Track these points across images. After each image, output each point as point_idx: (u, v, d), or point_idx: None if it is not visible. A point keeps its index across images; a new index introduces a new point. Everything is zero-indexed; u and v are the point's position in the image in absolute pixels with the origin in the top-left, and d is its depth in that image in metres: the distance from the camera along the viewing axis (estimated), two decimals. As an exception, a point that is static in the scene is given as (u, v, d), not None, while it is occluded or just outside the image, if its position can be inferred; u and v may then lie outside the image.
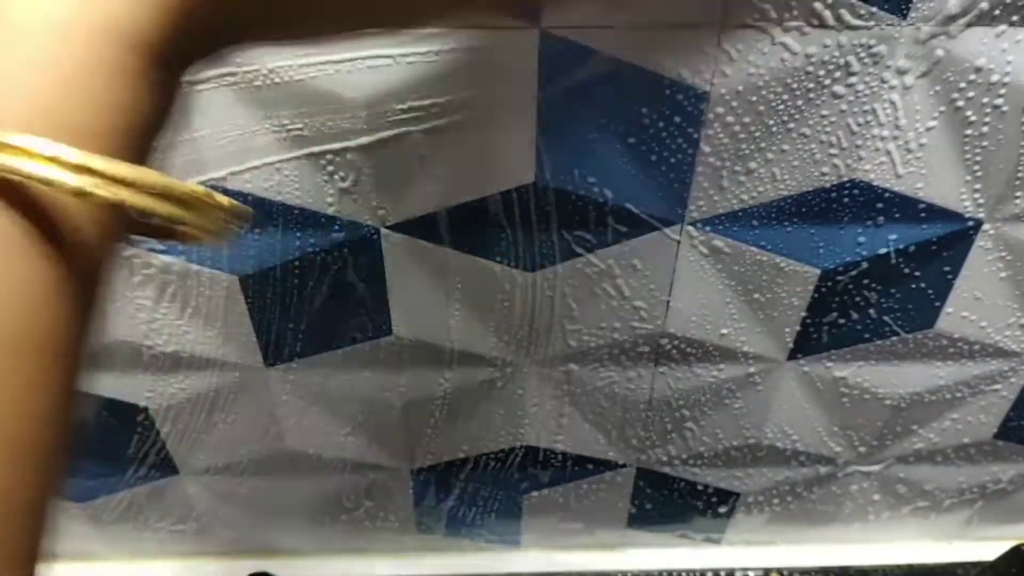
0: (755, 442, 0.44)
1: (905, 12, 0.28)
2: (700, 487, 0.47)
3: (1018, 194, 0.33)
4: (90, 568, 0.49)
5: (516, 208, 0.33)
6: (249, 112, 0.30)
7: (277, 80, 0.29)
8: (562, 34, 0.28)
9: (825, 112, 0.30)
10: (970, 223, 0.34)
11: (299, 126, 0.30)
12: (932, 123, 0.31)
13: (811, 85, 0.29)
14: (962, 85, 0.29)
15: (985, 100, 0.30)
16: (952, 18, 0.28)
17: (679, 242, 0.34)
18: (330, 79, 0.29)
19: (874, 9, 0.28)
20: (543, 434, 0.43)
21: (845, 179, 0.32)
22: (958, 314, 0.37)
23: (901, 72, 0.29)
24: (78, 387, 0.16)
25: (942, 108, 0.30)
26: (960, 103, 0.30)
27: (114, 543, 0.48)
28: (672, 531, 0.50)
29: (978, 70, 0.29)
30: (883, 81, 0.29)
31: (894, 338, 0.38)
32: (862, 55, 0.29)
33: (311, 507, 0.47)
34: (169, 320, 0.36)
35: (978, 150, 0.31)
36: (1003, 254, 0.35)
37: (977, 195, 0.33)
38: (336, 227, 0.33)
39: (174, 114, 0.17)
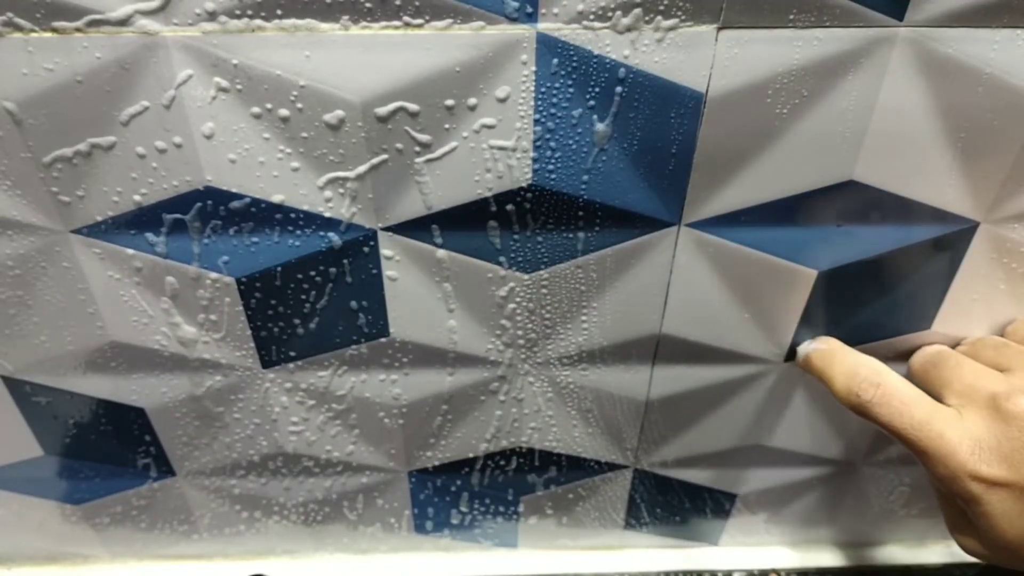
0: (753, 443, 0.44)
1: (902, 13, 0.28)
2: (698, 488, 0.47)
3: (1015, 195, 0.33)
4: (87, 570, 0.49)
5: (513, 210, 0.33)
6: (248, 115, 0.30)
7: (277, 82, 0.29)
8: (559, 35, 0.28)
9: (822, 113, 0.30)
10: (967, 224, 0.34)
11: (298, 128, 0.30)
12: (929, 124, 0.31)
13: (808, 86, 0.29)
14: (958, 86, 0.30)
15: (982, 101, 0.30)
16: (949, 18, 0.28)
17: (676, 243, 0.34)
18: (332, 81, 0.29)
19: (871, 10, 0.28)
20: (541, 436, 0.43)
21: (842, 180, 0.32)
22: (955, 315, 0.37)
23: (897, 73, 0.29)
24: None
25: (939, 109, 0.30)
26: (956, 104, 0.30)
27: (111, 545, 0.48)
28: (670, 532, 0.50)
29: (973, 71, 0.29)
30: (879, 82, 0.29)
31: (891, 339, 0.38)
32: (859, 56, 0.29)
33: (309, 509, 0.47)
34: (166, 322, 0.36)
35: (975, 151, 0.31)
36: (1000, 255, 0.35)
37: (974, 196, 0.33)
38: (333, 229, 0.33)
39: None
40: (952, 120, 0.30)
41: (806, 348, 0.38)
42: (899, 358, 0.39)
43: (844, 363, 0.35)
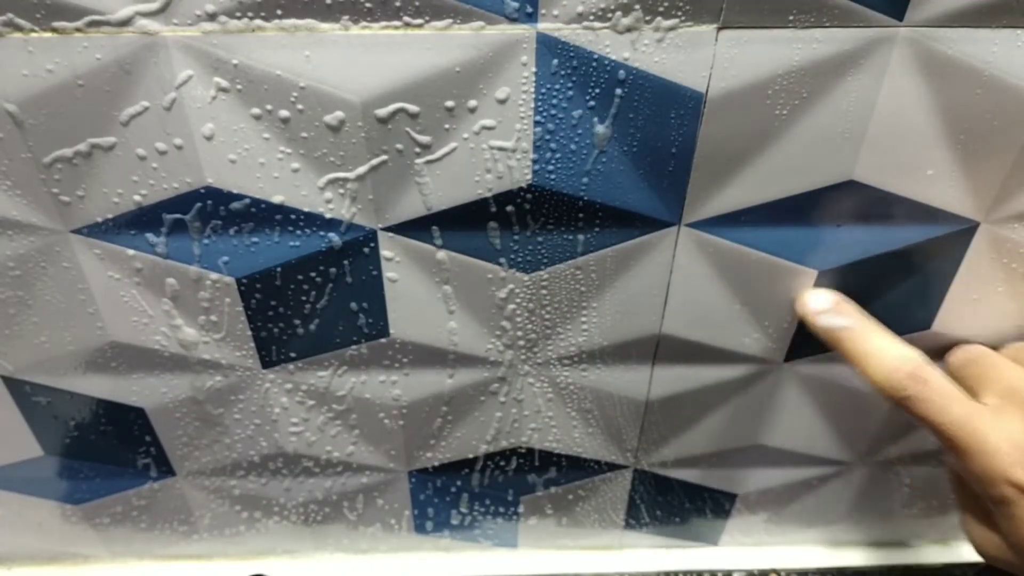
0: (753, 443, 0.44)
1: (902, 13, 0.28)
2: (698, 488, 0.47)
3: (1015, 195, 0.33)
4: (87, 570, 0.49)
5: (513, 210, 0.33)
6: (249, 115, 0.30)
7: (277, 82, 0.29)
8: (559, 36, 0.28)
9: (822, 113, 0.30)
10: (967, 224, 0.34)
11: (298, 129, 0.30)
12: (929, 124, 0.31)
13: (808, 86, 0.29)
14: (958, 86, 0.30)
15: (982, 101, 0.30)
16: (949, 19, 0.28)
17: (676, 243, 0.34)
18: (332, 81, 0.29)
19: (871, 10, 0.28)
20: (541, 436, 0.43)
21: (842, 180, 0.32)
22: (955, 315, 0.37)
23: (897, 73, 0.29)
24: None
25: (939, 109, 0.30)
26: (956, 104, 0.30)
27: (111, 545, 0.48)
28: (670, 532, 0.50)
29: (973, 71, 0.29)
30: (879, 82, 0.29)
31: (891, 339, 0.38)
32: (859, 56, 0.29)
33: (309, 509, 0.47)
34: (167, 323, 0.36)
35: (975, 150, 0.31)
36: (1000, 255, 0.35)
37: (974, 196, 0.33)
38: (334, 229, 0.33)
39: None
40: (952, 120, 0.30)
41: (829, 320, 0.34)
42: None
43: (882, 352, 0.33)
